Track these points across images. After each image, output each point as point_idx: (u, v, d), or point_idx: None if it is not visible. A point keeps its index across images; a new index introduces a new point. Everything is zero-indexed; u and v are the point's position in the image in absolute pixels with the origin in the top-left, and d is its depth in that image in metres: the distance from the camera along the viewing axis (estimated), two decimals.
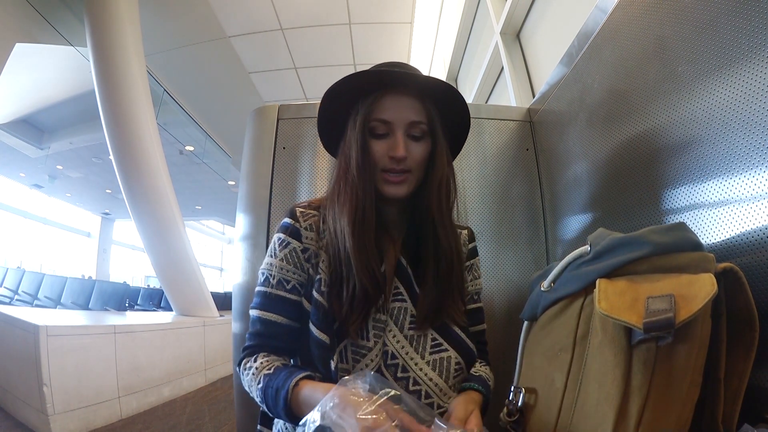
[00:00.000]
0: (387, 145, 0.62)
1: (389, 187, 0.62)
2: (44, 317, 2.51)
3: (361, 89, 0.63)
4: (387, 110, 0.62)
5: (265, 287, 0.62)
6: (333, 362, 0.56)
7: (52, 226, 10.24)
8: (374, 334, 0.59)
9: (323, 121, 0.69)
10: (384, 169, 0.62)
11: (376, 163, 0.62)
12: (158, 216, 3.44)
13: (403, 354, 0.59)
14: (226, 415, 2.87)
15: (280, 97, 4.96)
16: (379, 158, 0.62)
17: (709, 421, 0.41)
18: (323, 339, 0.57)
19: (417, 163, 0.62)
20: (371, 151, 0.62)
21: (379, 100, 0.62)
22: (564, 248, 0.96)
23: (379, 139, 0.62)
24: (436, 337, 0.61)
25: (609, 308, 0.42)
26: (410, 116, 0.62)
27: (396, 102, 0.62)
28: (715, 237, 0.51)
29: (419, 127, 0.62)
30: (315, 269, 0.62)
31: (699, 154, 0.54)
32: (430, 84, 0.63)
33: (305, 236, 0.64)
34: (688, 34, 0.55)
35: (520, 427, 0.55)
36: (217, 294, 4.73)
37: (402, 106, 0.62)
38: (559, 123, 0.97)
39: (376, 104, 0.62)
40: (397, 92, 0.62)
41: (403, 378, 0.58)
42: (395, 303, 0.62)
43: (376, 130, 0.62)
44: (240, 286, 1.01)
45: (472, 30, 2.56)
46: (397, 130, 0.61)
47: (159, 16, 3.80)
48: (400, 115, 0.61)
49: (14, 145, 6.32)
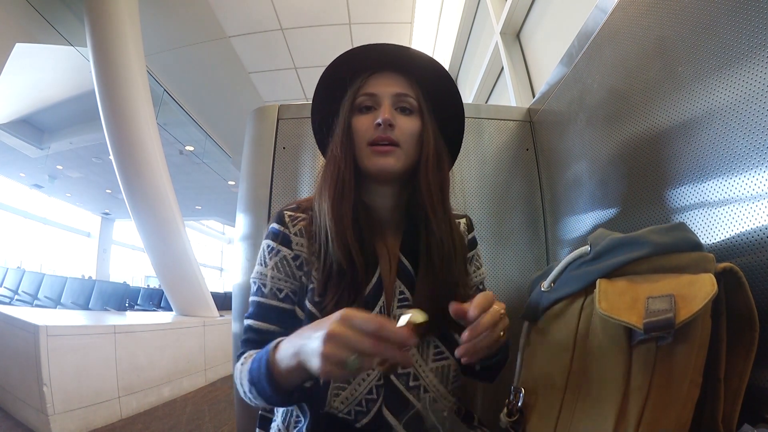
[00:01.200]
0: (373, 117, 0.59)
1: (376, 158, 0.58)
2: (44, 317, 2.51)
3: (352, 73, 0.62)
4: (373, 85, 0.61)
5: (258, 297, 0.60)
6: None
7: (52, 226, 10.24)
8: None
9: (316, 114, 0.68)
10: (370, 142, 0.58)
11: (362, 136, 0.59)
12: (158, 216, 3.44)
13: (413, 362, 0.56)
14: (226, 415, 2.87)
15: (280, 97, 4.96)
16: (365, 131, 0.59)
17: (709, 421, 0.41)
18: None
19: (405, 135, 0.59)
20: (356, 127, 0.60)
21: (366, 80, 0.61)
22: (564, 248, 0.96)
23: (365, 113, 0.60)
24: (438, 344, 0.59)
25: (609, 308, 0.42)
26: (396, 88, 0.60)
27: (384, 78, 0.61)
28: (715, 237, 0.51)
29: (407, 100, 0.60)
30: (308, 278, 0.60)
31: (699, 154, 0.54)
32: (422, 65, 0.62)
33: (295, 242, 0.61)
34: (688, 34, 0.55)
35: (520, 427, 0.55)
36: (217, 294, 4.72)
37: (390, 81, 0.61)
38: (559, 123, 0.97)
39: (364, 83, 0.61)
40: (386, 70, 0.61)
41: (414, 387, 0.56)
42: (401, 309, 0.59)
43: (363, 104, 0.60)
44: (240, 286, 1.01)
45: (472, 30, 2.56)
46: (383, 99, 0.59)
47: (159, 16, 3.80)
48: (387, 87, 0.60)
49: (14, 145, 6.31)
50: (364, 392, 0.55)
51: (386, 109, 0.58)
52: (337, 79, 0.64)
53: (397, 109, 0.60)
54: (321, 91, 0.67)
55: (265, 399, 0.51)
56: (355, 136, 0.60)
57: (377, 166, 0.58)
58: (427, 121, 0.61)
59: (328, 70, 0.64)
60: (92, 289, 4.59)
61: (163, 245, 3.56)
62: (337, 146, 0.59)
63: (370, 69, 0.62)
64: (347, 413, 0.54)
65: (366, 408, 0.54)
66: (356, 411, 0.54)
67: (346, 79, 0.63)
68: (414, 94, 0.61)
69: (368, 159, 0.59)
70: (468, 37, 2.64)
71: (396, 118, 0.59)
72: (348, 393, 0.55)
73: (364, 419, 0.54)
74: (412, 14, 3.73)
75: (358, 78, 0.62)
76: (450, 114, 0.67)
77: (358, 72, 0.62)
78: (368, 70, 0.62)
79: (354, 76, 0.62)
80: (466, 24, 2.54)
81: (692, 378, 0.38)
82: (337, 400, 0.54)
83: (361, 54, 0.62)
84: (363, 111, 0.60)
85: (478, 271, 0.70)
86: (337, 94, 0.64)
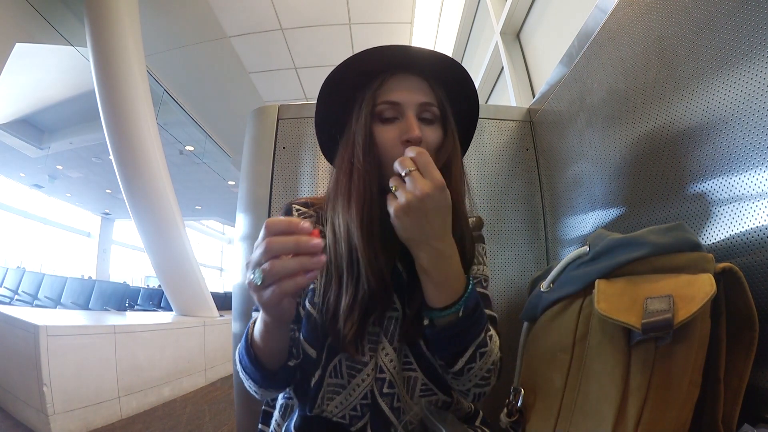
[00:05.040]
0: (398, 129, 0.55)
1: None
2: (44, 317, 2.51)
3: (364, 74, 0.58)
4: (395, 91, 0.56)
5: None
6: (314, 378, 0.54)
7: (52, 226, 10.24)
8: (369, 348, 0.55)
9: (322, 116, 0.63)
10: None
11: (389, 151, 0.54)
12: (158, 216, 3.44)
13: (390, 368, 0.54)
14: (226, 415, 2.87)
15: (280, 97, 4.96)
16: (391, 146, 0.54)
17: (709, 421, 0.40)
18: (310, 353, 0.55)
19: (430, 149, 0.55)
20: (380, 139, 0.55)
21: (385, 83, 0.57)
22: (564, 248, 0.96)
23: (387, 124, 0.56)
24: (407, 353, 0.56)
25: (608, 309, 0.42)
26: (420, 97, 0.56)
27: (404, 82, 0.57)
28: (714, 237, 0.51)
29: (431, 110, 0.57)
30: None
31: (698, 154, 0.54)
32: (438, 63, 0.58)
33: None
34: (688, 34, 0.55)
35: (520, 427, 0.55)
36: (217, 294, 4.73)
37: (411, 87, 0.57)
38: (559, 123, 0.97)
39: (381, 87, 0.57)
40: (403, 72, 0.58)
41: (388, 394, 0.54)
42: (388, 312, 0.57)
43: (384, 114, 0.56)
44: (240, 286, 1.01)
45: (472, 30, 2.56)
46: (407, 111, 0.55)
47: (159, 16, 3.80)
48: (410, 95, 0.56)
49: (14, 145, 6.32)
50: (359, 398, 0.54)
51: (414, 125, 0.54)
52: (347, 80, 0.60)
53: (420, 119, 0.57)
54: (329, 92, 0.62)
55: (252, 378, 0.52)
56: (379, 149, 0.55)
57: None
58: (449, 130, 0.58)
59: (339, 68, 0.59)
60: (92, 289, 4.60)
61: (163, 245, 3.56)
62: (359, 158, 0.54)
63: (387, 70, 0.58)
64: (341, 417, 0.54)
65: (361, 413, 0.54)
66: (351, 416, 0.54)
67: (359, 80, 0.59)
68: (436, 102, 0.58)
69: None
70: (468, 37, 2.64)
71: (422, 130, 0.55)
72: (342, 398, 0.54)
73: (359, 423, 0.53)
74: (412, 14, 3.73)
75: (375, 80, 0.58)
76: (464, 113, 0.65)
77: (373, 73, 0.59)
78: (386, 71, 0.58)
79: (369, 77, 0.59)
80: (466, 24, 2.53)
81: (692, 378, 0.38)
82: (331, 404, 0.54)
83: (377, 54, 0.58)
84: (385, 121, 0.56)
85: (479, 267, 0.65)
86: (349, 95, 0.60)
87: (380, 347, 0.55)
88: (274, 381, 0.52)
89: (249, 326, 0.52)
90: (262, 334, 0.48)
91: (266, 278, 0.39)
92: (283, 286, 0.39)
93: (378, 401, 0.54)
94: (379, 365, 0.54)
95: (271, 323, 0.47)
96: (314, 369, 0.54)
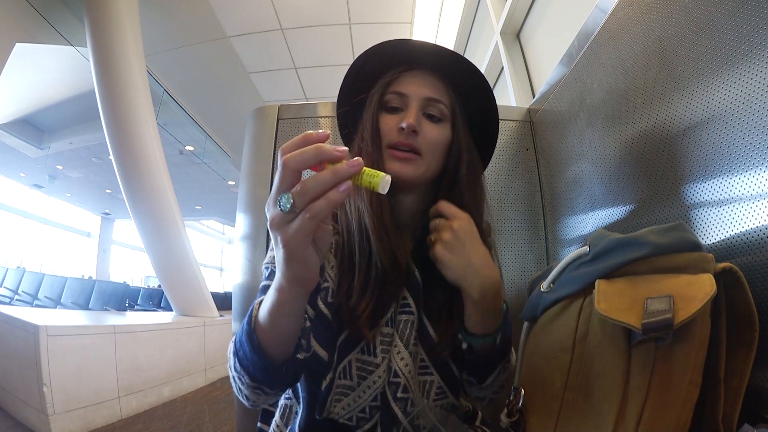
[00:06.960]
0: (399, 118, 0.56)
1: (392, 163, 0.55)
2: (44, 317, 2.51)
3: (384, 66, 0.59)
4: (404, 84, 0.57)
5: (268, 281, 0.56)
6: (325, 381, 0.52)
7: (52, 226, 10.24)
8: (382, 350, 0.53)
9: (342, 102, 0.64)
10: (390, 145, 0.55)
11: (385, 137, 0.55)
12: (158, 216, 3.44)
13: (405, 372, 0.53)
14: (226, 415, 2.87)
15: (280, 97, 4.97)
16: (387, 131, 0.55)
17: (709, 421, 0.40)
18: (321, 355, 0.51)
19: (429, 145, 0.55)
20: (382, 126, 0.56)
21: (398, 77, 0.58)
22: (564, 248, 0.96)
23: (392, 113, 0.57)
24: (423, 357, 0.56)
25: (608, 309, 0.42)
26: (427, 92, 0.56)
27: (417, 77, 0.58)
28: (714, 237, 0.51)
29: (438, 107, 0.57)
30: (321, 273, 0.55)
31: (699, 154, 0.54)
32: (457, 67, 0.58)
33: None
34: (688, 34, 0.55)
35: (520, 427, 0.55)
36: (217, 294, 4.73)
37: (422, 82, 0.57)
38: (559, 123, 0.97)
39: (394, 80, 0.58)
40: (419, 69, 0.58)
41: (402, 399, 0.53)
42: (402, 315, 0.55)
43: (390, 103, 0.57)
44: (240, 286, 1.01)
45: (472, 30, 2.56)
46: (411, 102, 0.56)
47: (159, 16, 3.80)
48: (418, 88, 0.56)
49: (14, 145, 6.32)
50: (369, 399, 0.53)
51: (412, 114, 0.55)
52: (366, 71, 0.61)
53: (424, 114, 0.57)
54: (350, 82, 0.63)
55: (250, 373, 0.45)
56: (380, 136, 0.57)
57: (392, 172, 0.54)
58: (459, 132, 0.58)
59: (359, 60, 0.61)
60: (92, 289, 4.60)
61: (163, 245, 3.56)
62: (368, 143, 0.55)
63: (403, 65, 0.59)
64: (348, 419, 0.53)
65: (369, 415, 0.53)
66: (358, 417, 0.53)
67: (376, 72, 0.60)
68: (446, 101, 0.58)
69: (386, 162, 0.55)
70: (468, 37, 2.64)
71: (422, 125, 0.56)
72: (351, 399, 0.53)
73: (366, 425, 0.53)
74: (412, 14, 3.73)
75: (390, 72, 0.58)
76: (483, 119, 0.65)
77: (389, 66, 0.59)
78: (402, 65, 0.59)
79: (385, 69, 0.59)
80: (466, 24, 2.53)
81: (692, 378, 0.38)
82: (338, 406, 0.53)
83: (396, 48, 0.59)
84: (389, 110, 0.57)
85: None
86: (366, 86, 0.61)
87: (394, 350, 0.54)
88: (276, 376, 0.46)
89: (252, 308, 0.46)
90: (272, 311, 0.42)
91: (297, 200, 0.34)
92: (314, 209, 0.34)
93: (391, 405, 0.53)
94: (393, 369, 0.54)
95: (288, 290, 0.40)
96: (326, 372, 0.52)
